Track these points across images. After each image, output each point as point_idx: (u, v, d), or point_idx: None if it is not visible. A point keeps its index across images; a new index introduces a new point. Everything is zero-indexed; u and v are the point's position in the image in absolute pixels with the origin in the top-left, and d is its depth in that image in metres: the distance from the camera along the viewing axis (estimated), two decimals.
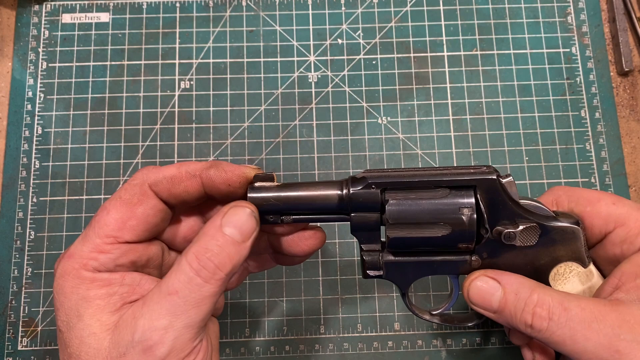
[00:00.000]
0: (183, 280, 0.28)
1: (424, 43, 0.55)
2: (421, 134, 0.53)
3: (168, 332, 0.27)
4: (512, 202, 0.32)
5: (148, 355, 0.27)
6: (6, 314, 0.49)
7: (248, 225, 0.30)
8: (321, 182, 0.33)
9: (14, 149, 0.52)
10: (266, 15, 0.56)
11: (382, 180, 0.32)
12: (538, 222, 0.32)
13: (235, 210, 0.30)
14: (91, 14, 0.55)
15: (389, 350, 0.48)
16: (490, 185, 0.32)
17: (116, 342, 0.27)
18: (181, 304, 0.27)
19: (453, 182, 0.32)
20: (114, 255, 0.30)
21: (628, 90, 0.55)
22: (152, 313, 0.27)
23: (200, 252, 0.28)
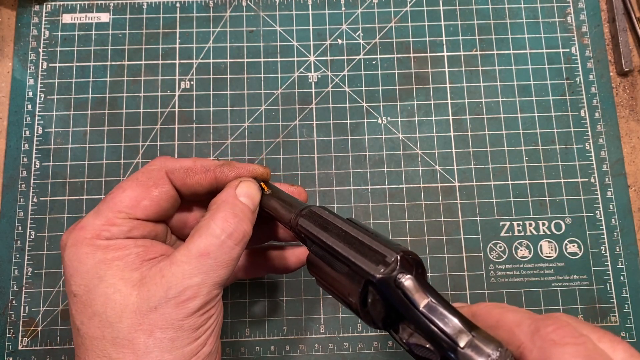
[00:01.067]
0: (215, 243, 0.30)
1: (423, 43, 0.55)
2: (421, 134, 0.53)
3: (201, 288, 0.29)
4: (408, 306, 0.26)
5: (181, 309, 0.29)
6: (6, 313, 0.49)
7: (257, 195, 0.34)
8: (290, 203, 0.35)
9: (14, 149, 0.52)
10: (266, 16, 0.56)
11: (307, 229, 0.32)
12: (434, 344, 0.25)
13: (247, 182, 0.34)
14: (91, 14, 0.55)
15: (389, 350, 0.48)
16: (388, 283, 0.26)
17: (145, 297, 0.29)
18: (213, 265, 0.30)
19: (356, 266, 0.28)
20: (125, 228, 0.31)
21: (628, 91, 0.55)
22: (185, 271, 0.29)
23: (229, 217, 0.31)
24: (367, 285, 0.27)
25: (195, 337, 0.30)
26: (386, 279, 0.26)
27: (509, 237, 0.51)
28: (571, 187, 0.52)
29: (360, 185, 0.52)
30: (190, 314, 0.29)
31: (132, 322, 0.29)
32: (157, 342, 0.28)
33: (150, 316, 0.29)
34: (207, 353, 0.30)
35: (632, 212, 0.51)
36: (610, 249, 0.51)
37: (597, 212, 0.51)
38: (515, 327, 0.24)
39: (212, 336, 0.31)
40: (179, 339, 0.29)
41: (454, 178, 0.52)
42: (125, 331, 0.28)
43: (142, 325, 0.28)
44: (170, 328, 0.29)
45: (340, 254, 0.29)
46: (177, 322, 0.29)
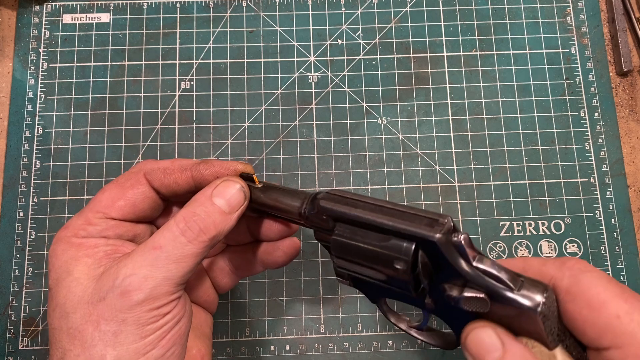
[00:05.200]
0: (168, 237, 0.30)
1: (423, 43, 0.55)
2: (421, 134, 0.53)
3: (147, 280, 0.29)
4: (460, 265, 0.28)
5: (125, 299, 0.28)
6: (7, 313, 0.49)
7: (236, 198, 0.32)
8: (291, 192, 0.34)
9: (15, 149, 0.52)
10: (266, 16, 0.56)
11: (333, 209, 0.32)
12: (489, 291, 0.27)
13: (227, 183, 0.33)
14: (92, 15, 0.55)
15: (388, 350, 0.48)
16: (432, 244, 0.28)
17: (99, 288, 0.29)
18: (163, 258, 0.29)
19: (399, 229, 0.29)
20: (100, 227, 0.32)
21: (627, 91, 0.55)
22: (135, 263, 0.29)
23: (188, 215, 0.31)
24: (417, 249, 0.28)
25: (141, 335, 0.29)
26: (444, 239, 0.28)
27: (509, 237, 0.51)
28: (571, 187, 0.52)
29: (360, 185, 0.52)
30: (133, 306, 0.29)
31: (84, 312, 0.29)
32: (102, 334, 0.28)
33: (98, 307, 0.29)
34: (157, 356, 0.29)
35: (632, 212, 0.52)
36: (609, 248, 0.51)
37: (597, 212, 0.51)
38: (542, 266, 0.29)
39: (167, 339, 0.30)
40: (122, 333, 0.28)
41: (454, 178, 0.52)
42: (78, 322, 0.29)
43: (91, 317, 0.29)
44: (113, 320, 0.28)
45: (383, 225, 0.29)
46: (120, 314, 0.28)
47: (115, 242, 0.32)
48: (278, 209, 0.34)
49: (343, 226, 0.31)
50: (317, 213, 0.32)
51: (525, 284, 0.27)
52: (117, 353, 0.28)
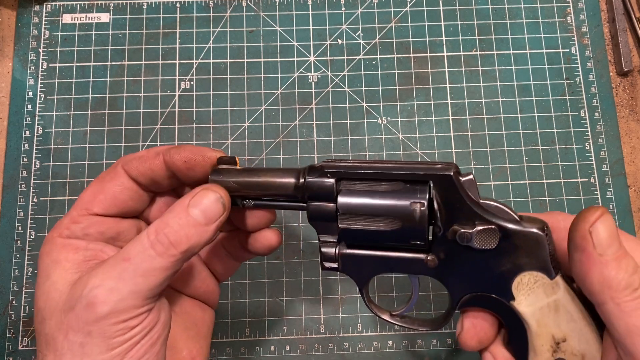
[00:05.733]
0: (138, 249, 0.29)
1: (423, 43, 0.55)
2: (421, 134, 0.53)
3: (112, 293, 0.28)
4: (471, 201, 0.30)
5: (90, 311, 0.28)
6: (7, 313, 0.49)
7: (214, 210, 0.30)
8: (281, 169, 0.33)
9: (15, 149, 0.52)
10: (266, 16, 0.56)
11: (338, 169, 0.32)
12: (498, 224, 0.30)
13: (204, 192, 0.31)
14: (91, 14, 0.55)
15: (388, 350, 0.48)
16: (446, 182, 0.30)
17: (70, 296, 0.29)
18: (130, 270, 0.28)
19: (408, 176, 0.31)
20: (82, 225, 0.32)
21: (627, 91, 0.55)
22: (104, 274, 0.29)
23: (160, 226, 0.29)
24: (430, 188, 0.30)
25: (108, 347, 0.28)
26: (455, 176, 0.30)
27: None
28: (571, 187, 0.52)
29: None
30: (98, 319, 0.28)
31: (57, 320, 0.29)
32: (70, 344, 0.28)
33: (68, 316, 0.28)
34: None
35: (632, 212, 0.52)
36: None
37: None
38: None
39: (136, 350, 0.29)
40: (88, 345, 0.28)
41: None
42: (52, 329, 0.29)
43: (62, 325, 0.28)
44: (80, 332, 0.28)
45: (394, 170, 0.31)
46: (86, 326, 0.28)
47: (96, 245, 0.32)
48: (271, 187, 0.33)
49: (350, 182, 0.31)
50: (319, 176, 0.32)
51: (526, 219, 0.30)
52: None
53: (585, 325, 0.30)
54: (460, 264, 0.31)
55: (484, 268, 0.31)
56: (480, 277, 0.31)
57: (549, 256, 0.30)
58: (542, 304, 0.31)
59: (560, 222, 0.31)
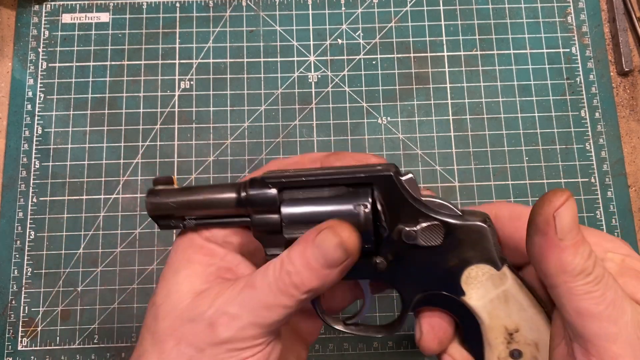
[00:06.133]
0: (264, 281, 0.28)
1: (424, 43, 0.55)
2: (421, 134, 0.53)
3: (235, 320, 0.28)
4: (413, 200, 0.31)
5: (211, 332, 0.28)
6: (6, 314, 0.49)
7: (335, 255, 0.28)
8: (221, 185, 0.32)
9: (14, 149, 0.52)
10: (266, 16, 0.56)
11: (279, 179, 0.31)
12: (441, 220, 0.30)
13: (327, 234, 0.28)
14: (91, 14, 0.55)
15: (389, 350, 0.48)
16: (388, 182, 0.30)
17: (193, 307, 0.29)
18: (255, 301, 0.28)
19: (350, 180, 0.30)
20: (225, 231, 0.32)
21: (628, 90, 0.55)
22: (230, 298, 0.28)
23: (286, 262, 0.28)
24: (372, 190, 0.30)
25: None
26: (396, 175, 0.30)
27: None
28: (571, 187, 0.52)
29: None
30: (217, 342, 0.28)
31: (171, 324, 0.29)
32: (179, 354, 0.28)
33: (185, 326, 0.28)
34: None
35: (633, 212, 0.51)
36: None
37: (598, 212, 0.51)
38: None
39: None
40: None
41: (454, 178, 0.52)
42: (164, 331, 0.29)
43: (176, 332, 0.29)
44: (192, 346, 0.28)
45: (335, 176, 0.31)
46: (201, 343, 0.28)
47: (233, 258, 0.31)
48: (212, 204, 0.32)
49: (292, 191, 0.31)
50: (261, 188, 0.31)
51: (467, 213, 0.31)
52: None
53: (535, 313, 0.31)
54: (409, 264, 0.31)
55: (432, 265, 0.31)
56: (429, 275, 0.31)
57: (493, 247, 0.31)
58: (492, 295, 0.31)
59: (503, 211, 0.32)
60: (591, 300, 0.25)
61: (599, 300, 0.25)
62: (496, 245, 0.31)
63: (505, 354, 0.31)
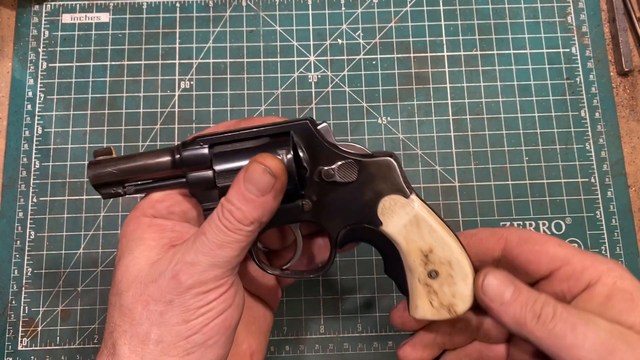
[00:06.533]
0: (211, 225, 0.31)
1: (423, 43, 0.55)
2: (421, 134, 0.53)
3: (194, 266, 0.30)
4: (329, 144, 0.35)
5: (175, 282, 0.30)
6: (6, 314, 0.49)
7: (264, 181, 0.31)
8: (156, 150, 0.35)
9: (14, 149, 0.52)
10: (266, 16, 0.56)
11: (209, 137, 0.34)
12: (354, 158, 0.35)
13: (252, 166, 0.31)
14: (91, 14, 0.55)
15: (389, 350, 0.48)
16: (305, 130, 0.35)
17: (153, 271, 0.31)
18: (207, 244, 0.30)
19: (271, 131, 0.34)
20: (167, 203, 0.34)
21: (628, 90, 0.55)
22: (185, 250, 0.31)
23: (225, 204, 0.31)
24: (292, 138, 0.34)
25: (185, 319, 0.30)
26: (310, 122, 0.35)
27: None
28: (571, 187, 0.52)
29: None
30: (182, 290, 0.30)
31: (136, 292, 0.31)
32: (149, 314, 0.30)
33: (149, 287, 0.30)
34: (198, 342, 0.30)
35: (632, 212, 0.51)
36: (610, 249, 0.51)
37: (598, 212, 0.51)
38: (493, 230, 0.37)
39: (210, 327, 0.31)
40: (167, 313, 0.30)
41: (454, 178, 0.52)
42: (129, 300, 0.31)
43: (142, 296, 0.30)
44: (161, 301, 0.30)
45: (258, 129, 0.34)
46: (168, 295, 0.30)
47: (182, 227, 0.34)
48: (149, 168, 0.34)
49: (222, 146, 0.34)
50: (193, 147, 0.34)
51: (376, 153, 0.36)
52: (160, 332, 0.30)
53: (444, 233, 0.35)
54: (331, 202, 0.35)
55: (351, 201, 0.35)
56: (349, 210, 0.35)
57: (401, 178, 0.35)
58: (405, 221, 0.35)
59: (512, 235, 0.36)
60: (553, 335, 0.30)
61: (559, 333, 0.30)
62: (404, 177, 0.35)
63: (424, 276, 0.35)
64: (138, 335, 0.30)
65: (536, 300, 0.32)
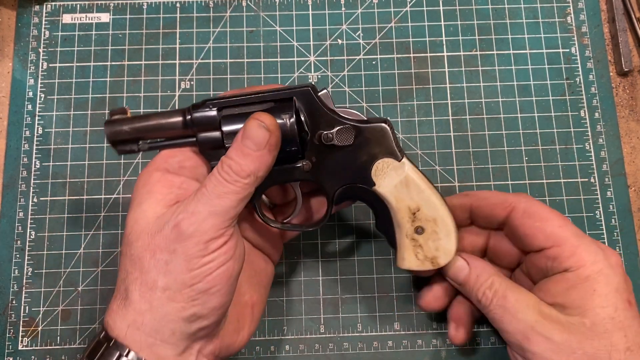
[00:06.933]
0: (211, 180, 0.33)
1: (423, 43, 0.55)
2: (421, 134, 0.53)
3: (194, 215, 0.33)
4: (328, 109, 0.38)
5: (177, 231, 0.32)
6: (7, 313, 0.49)
7: (260, 135, 0.34)
8: (168, 111, 0.38)
9: (15, 149, 0.52)
10: (266, 16, 0.56)
11: (218, 100, 0.37)
12: (351, 124, 0.38)
13: (248, 123, 0.34)
14: (91, 14, 0.55)
15: (388, 350, 0.48)
16: (306, 96, 0.37)
17: (159, 221, 0.33)
18: (207, 194, 0.33)
19: (276, 96, 0.37)
20: (178, 158, 0.37)
21: (627, 91, 0.55)
22: (187, 202, 0.33)
23: (225, 160, 0.34)
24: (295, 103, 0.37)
25: (189, 268, 0.32)
26: (312, 89, 0.38)
27: None
28: (571, 187, 0.52)
29: None
30: (183, 238, 0.32)
31: (144, 242, 0.33)
32: (156, 262, 0.33)
33: (156, 237, 0.33)
34: (201, 290, 0.32)
35: (632, 212, 0.52)
36: None
37: (597, 212, 0.51)
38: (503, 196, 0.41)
39: (212, 276, 0.33)
40: (172, 262, 0.32)
41: (454, 178, 0.52)
42: (138, 250, 0.33)
43: (149, 246, 0.33)
44: (166, 250, 0.32)
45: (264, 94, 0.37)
46: (172, 244, 0.32)
47: (189, 185, 0.36)
48: (162, 127, 0.37)
49: (229, 109, 0.37)
50: (203, 109, 0.37)
51: (371, 119, 0.39)
52: (167, 280, 0.32)
53: (431, 194, 0.39)
54: (329, 163, 0.38)
55: (347, 162, 0.38)
56: (346, 170, 0.39)
57: (394, 143, 0.39)
58: (396, 182, 0.39)
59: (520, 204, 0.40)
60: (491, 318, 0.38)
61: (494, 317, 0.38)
62: (396, 142, 0.39)
63: (411, 231, 0.39)
64: (147, 283, 0.33)
65: (481, 284, 0.38)
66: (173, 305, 0.32)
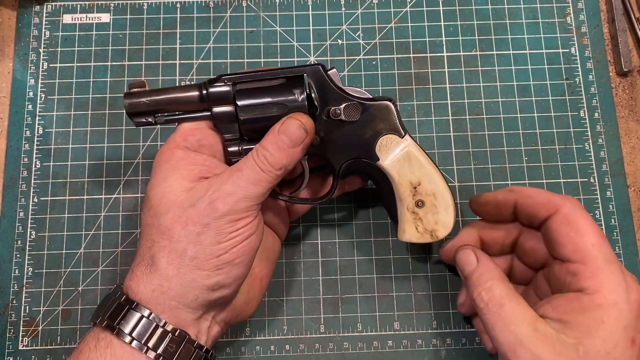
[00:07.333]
0: (248, 164, 0.36)
1: (423, 43, 0.55)
2: (421, 134, 0.53)
3: (230, 196, 0.36)
4: (337, 87, 0.40)
5: (212, 207, 0.35)
6: (7, 313, 0.49)
7: (297, 134, 0.37)
8: (185, 85, 0.40)
9: (15, 149, 0.52)
10: (266, 16, 0.56)
11: (233, 76, 0.39)
12: (358, 101, 0.40)
13: (289, 121, 0.37)
14: (92, 15, 0.56)
15: (388, 350, 0.48)
16: (316, 73, 0.39)
17: (190, 196, 0.36)
18: (243, 179, 0.36)
19: (288, 73, 0.39)
20: (198, 136, 0.39)
21: (627, 91, 0.55)
22: (222, 182, 0.36)
23: (261, 150, 0.37)
24: (305, 79, 0.39)
25: (218, 240, 0.35)
26: (322, 67, 0.40)
27: None
28: (571, 187, 0.52)
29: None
30: (218, 216, 0.35)
31: (174, 214, 0.36)
32: (187, 233, 0.35)
33: (188, 211, 0.35)
34: (227, 260, 0.36)
35: (632, 212, 0.52)
36: None
37: (597, 212, 0.51)
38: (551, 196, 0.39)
39: (237, 248, 0.36)
40: (203, 234, 0.35)
41: (454, 178, 0.52)
42: (168, 221, 0.36)
43: (181, 218, 0.35)
44: (199, 224, 0.35)
45: (277, 71, 0.39)
46: (205, 219, 0.35)
47: (211, 162, 0.38)
48: (179, 101, 0.39)
49: (243, 84, 0.39)
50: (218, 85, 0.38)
51: (377, 98, 0.41)
52: (196, 250, 0.35)
53: (431, 169, 0.41)
54: (336, 138, 0.40)
55: (353, 137, 0.40)
56: (352, 145, 0.41)
57: (397, 120, 0.41)
58: (398, 157, 0.41)
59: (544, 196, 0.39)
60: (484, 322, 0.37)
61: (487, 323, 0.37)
62: (400, 119, 0.41)
63: (412, 205, 0.41)
64: (176, 251, 0.35)
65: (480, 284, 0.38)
66: (199, 272, 0.35)
